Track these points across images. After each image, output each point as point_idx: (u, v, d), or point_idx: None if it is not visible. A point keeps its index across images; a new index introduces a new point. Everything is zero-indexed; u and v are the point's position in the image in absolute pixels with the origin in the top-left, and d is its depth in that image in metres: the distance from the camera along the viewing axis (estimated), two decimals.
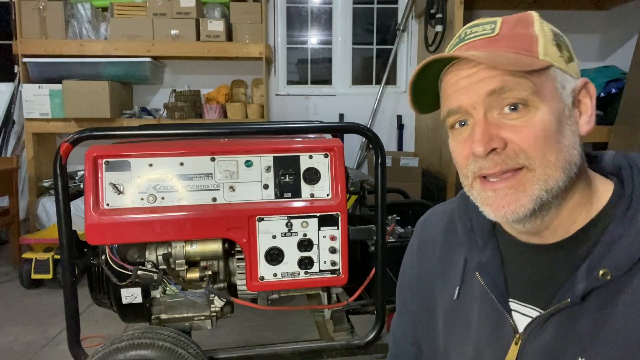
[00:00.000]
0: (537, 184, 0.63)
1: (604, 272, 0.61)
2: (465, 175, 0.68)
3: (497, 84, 0.62)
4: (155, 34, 3.70)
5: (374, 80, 4.46)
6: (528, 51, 0.64)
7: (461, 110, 0.66)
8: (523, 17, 0.68)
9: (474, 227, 0.78)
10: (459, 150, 0.68)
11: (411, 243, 0.92)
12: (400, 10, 4.34)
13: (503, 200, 0.64)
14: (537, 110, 0.62)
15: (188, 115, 3.78)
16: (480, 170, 0.65)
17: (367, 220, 1.77)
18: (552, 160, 0.62)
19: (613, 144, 3.28)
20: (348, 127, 1.81)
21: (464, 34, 0.70)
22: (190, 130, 1.65)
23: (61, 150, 1.46)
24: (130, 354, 1.43)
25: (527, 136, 0.62)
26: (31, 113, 3.63)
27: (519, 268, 0.72)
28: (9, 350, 2.31)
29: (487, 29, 0.67)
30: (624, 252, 0.61)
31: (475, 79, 0.64)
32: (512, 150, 0.63)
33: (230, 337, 2.35)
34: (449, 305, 0.80)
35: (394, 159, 3.73)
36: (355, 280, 1.72)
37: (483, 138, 0.63)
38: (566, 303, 0.64)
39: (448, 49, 0.71)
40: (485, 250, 0.75)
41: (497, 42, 0.65)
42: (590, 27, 4.18)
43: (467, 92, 0.65)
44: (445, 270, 0.82)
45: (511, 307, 0.71)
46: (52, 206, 3.57)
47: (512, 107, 0.63)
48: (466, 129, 0.67)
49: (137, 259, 1.57)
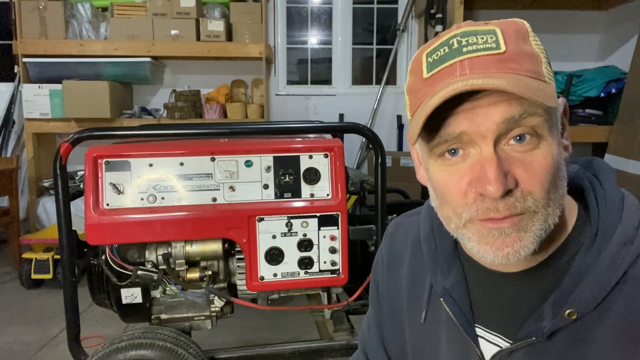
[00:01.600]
0: (538, 223, 0.57)
1: (570, 312, 0.58)
2: (458, 215, 0.60)
3: (516, 110, 0.54)
4: (155, 34, 3.70)
5: (374, 80, 4.46)
6: (538, 74, 0.56)
7: (463, 138, 0.57)
8: (520, 29, 0.59)
9: (437, 249, 0.74)
10: (453, 184, 0.59)
11: (379, 254, 0.88)
12: (400, 10, 4.34)
13: (507, 240, 0.58)
14: (546, 143, 0.56)
15: (188, 115, 3.78)
16: (487, 213, 0.57)
17: (367, 220, 1.77)
18: (552, 199, 0.58)
19: (613, 144, 3.28)
20: (348, 127, 1.81)
21: (456, 42, 0.58)
22: (190, 130, 1.65)
23: (61, 150, 1.46)
24: (130, 354, 1.44)
25: (537, 175, 0.56)
26: (31, 113, 3.63)
27: (485, 294, 0.69)
28: (9, 350, 2.31)
29: (489, 42, 0.56)
30: (590, 289, 0.58)
31: (486, 101, 0.55)
32: (521, 191, 0.56)
33: (230, 337, 2.35)
34: (417, 327, 0.77)
35: (394, 159, 3.73)
36: (355, 280, 1.72)
37: (499, 177, 0.54)
38: (531, 340, 0.61)
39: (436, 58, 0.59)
40: (449, 275, 0.71)
41: (507, 61, 0.55)
42: (590, 27, 4.18)
43: (474, 116, 0.55)
44: (412, 290, 0.78)
45: (478, 334, 0.68)
46: (52, 206, 3.57)
47: (518, 138, 0.56)
48: (461, 159, 0.58)
49: (137, 259, 1.57)
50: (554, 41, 4.10)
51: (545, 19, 4.12)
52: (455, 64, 0.57)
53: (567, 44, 4.15)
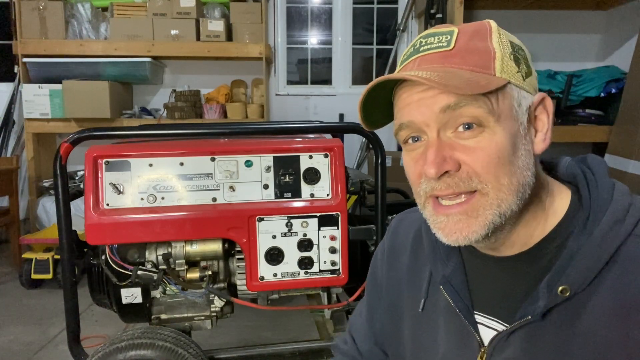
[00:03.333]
0: (490, 209, 0.61)
1: (563, 289, 0.60)
2: (418, 193, 0.67)
3: (451, 100, 0.60)
4: (155, 34, 3.70)
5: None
6: (484, 68, 0.61)
7: (413, 126, 0.64)
8: (481, 28, 0.64)
9: (437, 240, 0.74)
10: (411, 167, 0.66)
11: (381, 247, 0.91)
12: (400, 10, 4.34)
13: (455, 226, 0.63)
14: (492, 131, 0.60)
15: (188, 115, 3.78)
16: (432, 191, 0.63)
17: (367, 220, 1.77)
18: (505, 184, 0.60)
19: (613, 144, 3.28)
20: (348, 127, 1.81)
21: (418, 43, 0.66)
22: (190, 130, 1.65)
23: (61, 150, 1.46)
24: (130, 354, 1.44)
25: (481, 159, 0.60)
26: (31, 113, 3.63)
27: (482, 280, 0.72)
28: (9, 350, 2.31)
29: (442, 41, 0.63)
30: (582, 267, 0.60)
31: (429, 93, 0.61)
32: (466, 172, 0.61)
33: (230, 337, 2.35)
34: (415, 317, 0.79)
35: (394, 159, 3.73)
36: (355, 280, 1.72)
37: (435, 160, 0.61)
38: (527, 320, 0.63)
39: (403, 58, 0.68)
40: (448, 263, 0.74)
41: (451, 57, 0.62)
42: (590, 27, 4.18)
43: (420, 107, 0.62)
44: (412, 280, 0.81)
45: (477, 320, 0.70)
46: (52, 206, 3.57)
47: (467, 126, 0.61)
48: (419, 144, 0.65)
49: (137, 259, 1.57)
50: (554, 41, 4.11)
51: (545, 19, 4.12)
52: (411, 62, 0.66)
53: (567, 44, 4.15)
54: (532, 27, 4.12)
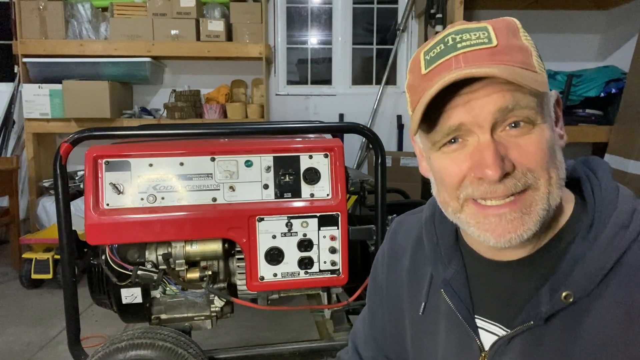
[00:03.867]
0: (540, 203, 0.60)
1: (566, 295, 0.59)
2: (455, 197, 0.63)
3: (508, 101, 0.58)
4: (155, 34, 3.70)
5: (374, 80, 4.46)
6: (529, 65, 0.60)
7: (462, 128, 0.60)
8: (510, 25, 0.63)
9: (439, 242, 0.76)
10: (452, 169, 0.63)
11: (382, 250, 0.89)
12: (400, 10, 4.34)
13: (509, 226, 0.60)
14: (540, 128, 0.60)
15: (188, 115, 3.77)
16: (484, 195, 0.61)
17: (367, 220, 1.77)
18: (553, 177, 0.61)
19: (613, 144, 3.28)
20: (348, 127, 1.80)
21: (451, 40, 0.61)
22: (190, 130, 1.65)
23: (61, 150, 1.46)
24: (130, 354, 1.44)
25: (534, 155, 0.59)
26: (31, 113, 3.63)
27: (484, 284, 0.70)
28: (9, 350, 2.31)
29: (482, 38, 0.60)
30: (586, 273, 0.59)
31: (481, 93, 0.59)
32: (521, 171, 0.59)
33: (230, 337, 2.35)
34: (416, 320, 0.78)
35: (394, 159, 3.73)
36: (355, 280, 1.72)
37: (496, 162, 0.58)
38: (529, 325, 0.62)
39: (431, 56, 0.63)
40: (449, 266, 0.73)
41: (499, 54, 0.59)
42: (590, 27, 4.18)
43: (472, 108, 0.59)
44: (413, 284, 0.80)
45: (477, 325, 0.70)
46: (52, 206, 3.56)
47: (513, 125, 0.59)
48: (460, 146, 0.62)
49: (137, 259, 1.57)
50: (554, 41, 4.11)
51: (545, 19, 4.12)
52: (450, 59, 0.60)
53: (567, 44, 4.15)
54: (532, 27, 4.07)
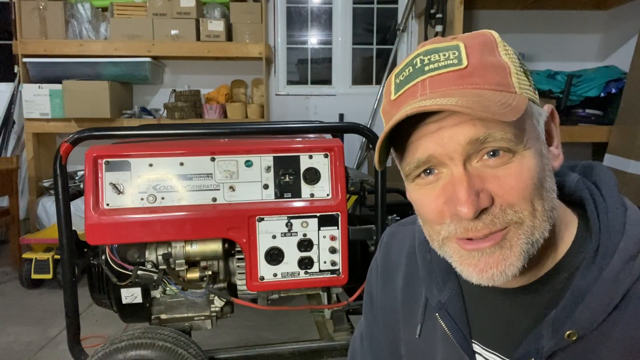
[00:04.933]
0: (523, 237, 0.55)
1: (570, 333, 0.56)
2: (436, 232, 0.59)
3: (480, 132, 0.53)
4: (155, 34, 3.70)
5: (374, 80, 4.46)
6: (505, 86, 0.54)
7: (432, 161, 0.56)
8: (486, 40, 0.57)
9: (432, 261, 0.71)
10: (429, 204, 0.58)
11: (374, 263, 0.85)
12: (400, 10, 4.34)
13: (491, 260, 0.56)
14: (521, 156, 0.54)
15: (188, 115, 3.78)
16: (465, 233, 0.56)
17: (367, 220, 1.77)
18: (539, 210, 0.55)
19: (613, 144, 3.28)
20: (348, 127, 1.80)
21: (419, 62, 0.57)
22: (190, 130, 1.65)
23: (61, 150, 1.46)
24: (130, 354, 1.44)
25: (515, 187, 0.54)
26: (31, 113, 3.63)
27: (482, 309, 0.67)
28: (9, 350, 2.31)
29: (451, 58, 0.55)
30: (591, 310, 0.55)
31: (450, 122, 0.54)
32: (499, 206, 0.54)
33: (230, 337, 2.35)
34: (412, 342, 0.74)
35: (394, 159, 3.72)
36: (355, 280, 1.72)
37: (470, 198, 0.53)
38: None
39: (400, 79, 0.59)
40: (444, 288, 0.69)
41: (469, 76, 0.54)
42: (590, 27, 4.18)
43: (440, 138, 0.54)
44: (408, 303, 0.76)
45: (475, 350, 0.66)
46: (52, 206, 3.57)
47: (492, 153, 0.54)
48: (435, 178, 0.57)
49: (137, 259, 1.57)
50: (554, 41, 4.11)
51: (545, 19, 4.12)
52: (417, 84, 0.56)
53: (567, 44, 4.15)
54: (532, 27, 4.11)
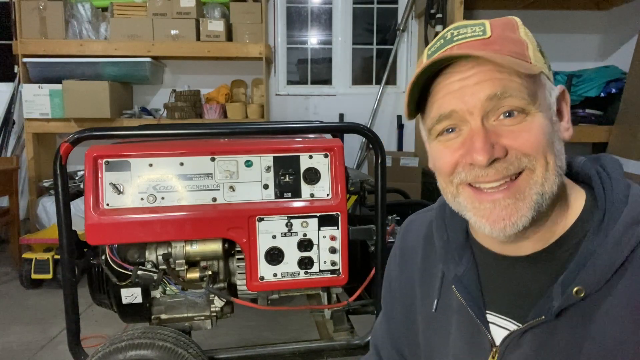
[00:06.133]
0: (535, 187, 0.61)
1: (577, 290, 0.60)
2: (449, 182, 0.66)
3: (497, 88, 0.60)
4: (155, 34, 3.70)
5: (374, 80, 4.46)
6: (522, 56, 0.61)
7: (454, 116, 0.63)
8: (509, 22, 0.66)
9: (449, 239, 0.76)
10: (447, 156, 0.65)
11: (393, 250, 0.91)
12: (400, 10, 4.34)
13: (503, 212, 0.62)
14: (533, 117, 0.61)
15: (188, 115, 3.78)
16: (476, 179, 0.63)
17: (367, 220, 1.77)
18: (550, 163, 0.61)
19: (613, 144, 3.28)
20: (348, 127, 1.80)
21: (449, 34, 0.65)
22: (190, 130, 1.65)
23: (61, 150, 1.46)
24: (130, 354, 1.44)
25: (529, 140, 0.61)
26: (31, 113, 3.63)
27: (495, 280, 0.71)
28: (9, 350, 2.31)
29: (477, 31, 0.63)
30: (597, 269, 0.60)
31: (472, 80, 0.61)
32: (514, 156, 0.61)
33: (230, 337, 2.35)
34: (428, 317, 0.79)
35: (394, 159, 3.73)
36: (355, 280, 1.72)
37: (485, 147, 0.60)
38: (541, 320, 0.63)
39: (432, 50, 0.66)
40: (460, 262, 0.74)
41: (491, 44, 0.62)
42: (590, 27, 4.18)
43: (463, 95, 0.61)
44: (425, 281, 0.81)
45: (488, 320, 0.70)
46: (52, 206, 3.56)
47: (508, 114, 0.61)
48: (455, 135, 0.64)
49: (137, 259, 1.57)
50: (554, 41, 4.10)
51: (545, 19, 4.12)
52: (446, 51, 0.63)
53: (567, 44, 4.15)
54: (532, 27, 4.02)
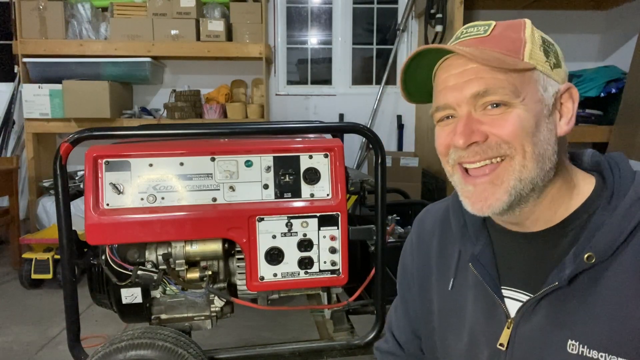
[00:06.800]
0: (513, 174, 0.68)
1: (588, 256, 0.65)
2: (446, 162, 0.75)
3: (480, 87, 0.68)
4: (155, 34, 3.70)
5: (374, 80, 4.46)
6: (514, 53, 0.69)
7: (447, 107, 0.72)
8: (516, 23, 0.73)
9: (466, 223, 0.82)
10: (442, 139, 0.74)
11: (410, 237, 0.96)
12: (400, 10, 4.34)
13: (482, 195, 0.70)
14: (515, 109, 0.68)
15: (188, 115, 3.78)
16: (460, 159, 0.71)
17: (367, 220, 1.77)
18: (528, 151, 0.67)
19: (613, 144, 3.28)
20: (348, 127, 1.80)
21: (460, 33, 0.75)
22: (190, 130, 1.65)
23: (61, 150, 1.46)
24: (130, 354, 1.44)
25: (507, 128, 0.67)
26: (31, 113, 3.63)
27: (510, 256, 0.77)
28: (9, 350, 2.31)
29: (480, 30, 0.72)
30: (606, 236, 0.65)
31: (463, 78, 0.69)
32: (494, 141, 0.68)
33: (230, 337, 2.35)
34: (444, 295, 0.84)
35: (394, 159, 3.73)
36: (355, 280, 1.72)
37: (464, 131, 0.69)
38: (554, 286, 0.67)
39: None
40: (477, 242, 0.80)
41: (486, 41, 0.70)
42: (590, 27, 4.18)
43: (454, 90, 0.70)
44: (441, 263, 0.86)
45: (503, 294, 0.75)
46: (52, 206, 3.57)
47: (494, 105, 0.68)
48: (451, 121, 0.73)
49: (137, 259, 1.57)
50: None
51: (545, 19, 4.12)
52: (450, 47, 0.71)
53: (567, 44, 4.11)
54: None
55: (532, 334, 0.70)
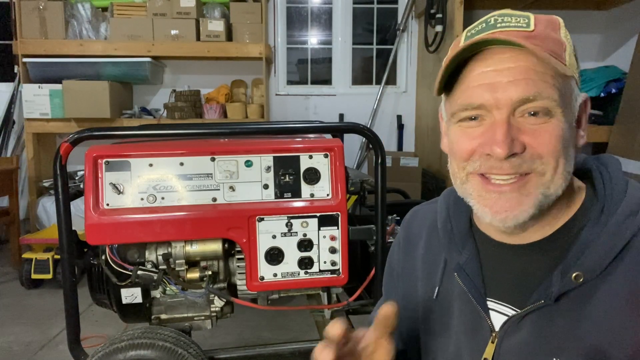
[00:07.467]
0: (540, 188, 0.63)
1: (576, 275, 0.62)
2: (462, 168, 0.67)
3: (531, 91, 0.61)
4: (155, 34, 3.70)
5: (374, 80, 4.47)
6: (559, 56, 0.62)
7: (481, 108, 0.64)
8: (552, 20, 0.66)
9: (453, 229, 0.78)
10: (464, 143, 0.66)
11: (397, 239, 0.93)
12: (400, 10, 4.34)
13: (507, 204, 0.64)
14: (558, 120, 0.62)
15: (188, 115, 3.78)
16: (489, 170, 0.64)
17: (367, 220, 1.77)
18: (560, 168, 0.63)
19: (613, 144, 3.28)
20: (348, 127, 1.80)
21: (493, 20, 0.65)
22: (190, 130, 1.65)
23: (61, 150, 1.46)
24: (130, 354, 1.44)
25: (547, 143, 0.62)
26: (31, 113, 3.63)
27: (497, 268, 0.73)
28: (9, 350, 2.31)
29: (521, 22, 0.63)
30: (596, 255, 0.62)
31: (509, 77, 0.61)
32: (530, 154, 0.62)
33: (230, 337, 2.35)
34: (429, 303, 0.81)
35: (394, 159, 3.73)
36: (355, 280, 1.72)
37: (506, 140, 0.61)
38: (540, 304, 0.64)
39: (472, 32, 0.66)
40: (463, 251, 0.75)
41: (533, 38, 0.61)
42: (590, 27, 4.18)
43: (494, 91, 0.62)
44: (427, 269, 0.83)
45: (489, 307, 0.72)
46: (52, 206, 3.57)
47: (533, 113, 0.62)
48: (477, 124, 0.65)
49: (137, 259, 1.57)
50: None
51: None
52: (489, 34, 0.63)
53: None
54: None
55: (516, 351, 0.67)
